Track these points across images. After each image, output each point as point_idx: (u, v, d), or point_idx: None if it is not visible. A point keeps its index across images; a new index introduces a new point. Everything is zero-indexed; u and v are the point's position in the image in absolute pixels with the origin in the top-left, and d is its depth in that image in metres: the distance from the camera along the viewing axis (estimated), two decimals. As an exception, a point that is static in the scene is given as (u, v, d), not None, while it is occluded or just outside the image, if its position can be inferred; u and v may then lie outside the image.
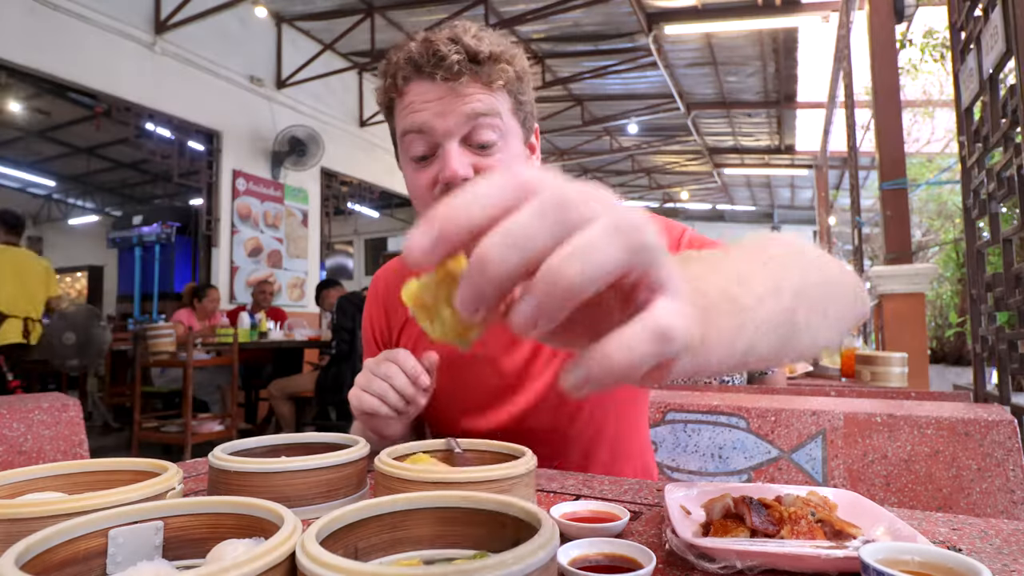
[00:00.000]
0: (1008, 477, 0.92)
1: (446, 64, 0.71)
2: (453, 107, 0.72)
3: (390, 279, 0.97)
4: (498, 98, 0.74)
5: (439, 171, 0.74)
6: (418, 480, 0.57)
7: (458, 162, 0.72)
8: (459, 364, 0.87)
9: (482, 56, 0.72)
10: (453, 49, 0.71)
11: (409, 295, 0.33)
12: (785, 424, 1.09)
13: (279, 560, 0.37)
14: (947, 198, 5.18)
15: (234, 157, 5.81)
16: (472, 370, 0.88)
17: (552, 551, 0.38)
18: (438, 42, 0.72)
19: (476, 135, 0.73)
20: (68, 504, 0.47)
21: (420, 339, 0.92)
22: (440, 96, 0.72)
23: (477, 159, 0.74)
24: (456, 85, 0.72)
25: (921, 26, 5.20)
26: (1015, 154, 1.58)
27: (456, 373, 0.87)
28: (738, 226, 14.40)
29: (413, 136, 0.75)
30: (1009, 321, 1.77)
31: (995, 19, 1.63)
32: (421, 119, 0.73)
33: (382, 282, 0.98)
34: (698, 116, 8.29)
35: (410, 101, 0.74)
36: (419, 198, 0.79)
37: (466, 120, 0.72)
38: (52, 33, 4.43)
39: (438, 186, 0.75)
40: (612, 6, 5.43)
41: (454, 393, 0.88)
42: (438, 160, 0.75)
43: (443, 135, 0.73)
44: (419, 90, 0.74)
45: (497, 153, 0.75)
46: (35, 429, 1.07)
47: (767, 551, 0.47)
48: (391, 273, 0.98)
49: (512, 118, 0.77)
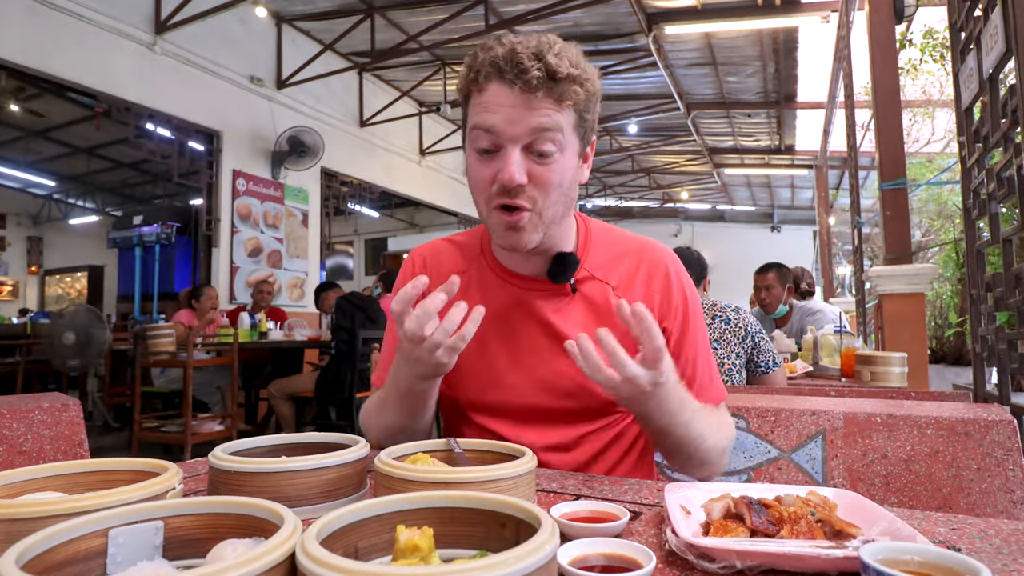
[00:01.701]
0: (1008, 477, 0.92)
1: (526, 77, 0.78)
2: (523, 117, 0.79)
3: (427, 255, 1.04)
4: (564, 115, 0.81)
5: (499, 171, 0.81)
6: (418, 480, 0.57)
7: (517, 168, 0.80)
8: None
9: (559, 76, 0.79)
10: (535, 65, 0.78)
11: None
12: (785, 424, 1.09)
13: (279, 560, 0.37)
14: (947, 198, 5.18)
15: (234, 157, 5.81)
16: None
17: (552, 551, 0.38)
18: (523, 55, 0.78)
19: (537, 145, 0.81)
20: (68, 504, 0.47)
21: (445, 307, 0.95)
22: (513, 104, 0.80)
23: (534, 167, 0.82)
24: (530, 97, 0.79)
25: (921, 26, 5.19)
26: (1015, 154, 1.58)
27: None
28: (738, 226, 14.40)
29: (481, 133, 0.82)
30: (1009, 321, 1.77)
31: (995, 19, 1.63)
32: (492, 121, 0.80)
33: (420, 257, 1.04)
34: (698, 116, 8.29)
35: (486, 100, 0.81)
36: (477, 187, 0.86)
37: (531, 132, 0.80)
38: (52, 33, 4.43)
39: (496, 184, 0.82)
40: (612, 6, 5.43)
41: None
42: (499, 159, 0.82)
43: (508, 139, 0.81)
44: (497, 92, 0.81)
45: (553, 163, 0.82)
46: (35, 429, 1.07)
47: (767, 551, 0.47)
48: (429, 251, 1.05)
49: (573, 133, 0.84)
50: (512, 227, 0.84)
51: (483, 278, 0.97)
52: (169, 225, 7.18)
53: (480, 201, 0.86)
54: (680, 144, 9.60)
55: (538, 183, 0.82)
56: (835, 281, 8.05)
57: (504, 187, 0.81)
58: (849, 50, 4.45)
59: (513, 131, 0.80)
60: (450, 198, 9.13)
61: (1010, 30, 1.54)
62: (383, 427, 0.93)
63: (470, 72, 0.83)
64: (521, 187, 0.81)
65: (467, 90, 0.85)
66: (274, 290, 5.77)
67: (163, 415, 4.39)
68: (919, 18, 5.02)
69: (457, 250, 1.02)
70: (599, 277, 0.94)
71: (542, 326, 0.92)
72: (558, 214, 0.86)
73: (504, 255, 0.96)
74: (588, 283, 0.94)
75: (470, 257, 1.00)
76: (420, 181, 8.42)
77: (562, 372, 0.91)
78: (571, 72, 0.80)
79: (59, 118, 7.56)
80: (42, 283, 12.59)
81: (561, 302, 0.93)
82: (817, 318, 3.40)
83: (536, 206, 0.83)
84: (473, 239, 1.03)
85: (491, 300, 0.93)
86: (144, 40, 5.02)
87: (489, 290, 0.96)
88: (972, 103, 1.92)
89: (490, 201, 0.84)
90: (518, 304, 0.94)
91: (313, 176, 6.66)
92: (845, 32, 4.59)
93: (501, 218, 0.84)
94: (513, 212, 0.83)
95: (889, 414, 1.01)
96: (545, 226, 0.85)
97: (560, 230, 0.91)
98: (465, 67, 0.85)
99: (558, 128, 0.81)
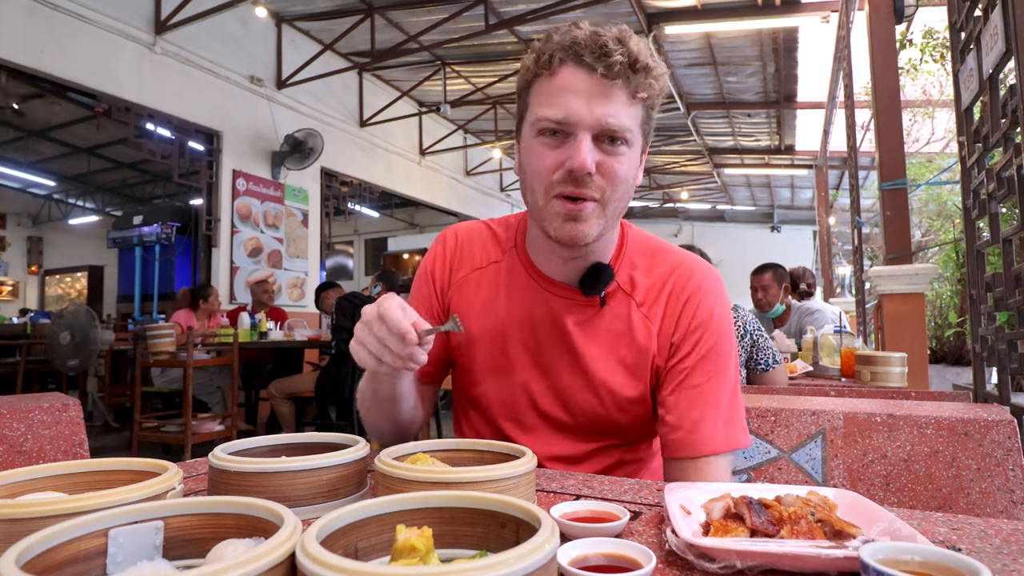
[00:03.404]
0: (1008, 477, 0.92)
1: (609, 62, 0.74)
2: (600, 106, 0.75)
3: (462, 237, 1.00)
4: (636, 108, 0.78)
5: (567, 157, 0.77)
6: (418, 480, 0.57)
7: (588, 156, 0.76)
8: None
9: (640, 65, 0.76)
10: (619, 50, 0.74)
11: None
12: (785, 424, 1.09)
13: (279, 560, 0.37)
14: (947, 198, 5.17)
15: (234, 157, 5.81)
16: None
17: (552, 551, 0.38)
18: (607, 38, 0.74)
19: (609, 134, 0.77)
20: (68, 504, 0.47)
21: (469, 294, 0.95)
22: (591, 89, 0.75)
23: (604, 157, 0.78)
24: (609, 84, 0.75)
25: (921, 26, 5.19)
26: (1015, 154, 1.57)
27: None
28: (738, 226, 14.40)
29: (550, 117, 0.77)
30: (1009, 321, 1.77)
31: (995, 19, 1.63)
32: (568, 104, 0.76)
33: (453, 236, 1.00)
34: (698, 116, 8.29)
35: (560, 83, 0.77)
36: (538, 174, 0.81)
37: (606, 121, 0.76)
38: (52, 33, 4.43)
39: (560, 171, 0.78)
40: (612, 6, 5.43)
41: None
42: (567, 146, 0.77)
43: (581, 127, 0.76)
44: (573, 76, 0.76)
45: (622, 156, 0.79)
46: (35, 429, 1.07)
47: (767, 551, 0.47)
48: (464, 232, 1.01)
49: (639, 130, 0.80)
50: (573, 217, 0.79)
51: (513, 273, 0.93)
52: (169, 225, 7.17)
53: (539, 189, 0.81)
54: (680, 144, 9.59)
55: (606, 174, 0.78)
56: (835, 281, 8.05)
57: (571, 175, 0.77)
58: (849, 50, 4.45)
59: (587, 119, 0.75)
60: (450, 198, 9.13)
61: (1010, 30, 1.54)
62: (371, 417, 0.94)
63: (541, 55, 0.79)
64: (590, 176, 0.77)
65: (534, 74, 0.80)
66: (274, 290, 5.77)
67: (163, 415, 4.39)
68: (919, 18, 5.02)
69: (493, 238, 0.98)
70: (626, 290, 0.90)
71: (563, 337, 0.89)
72: (619, 210, 0.82)
73: (538, 255, 0.91)
74: (616, 296, 0.90)
75: (504, 248, 0.96)
76: (420, 181, 8.42)
77: (577, 389, 0.89)
78: (649, 63, 0.76)
79: (59, 118, 7.56)
80: (42, 283, 12.59)
81: (586, 314, 0.89)
82: (816, 318, 3.40)
83: (603, 196, 0.79)
84: (511, 230, 0.98)
85: (518, 298, 0.91)
86: (144, 40, 5.02)
87: (517, 287, 0.92)
88: (972, 103, 1.92)
89: (551, 189, 0.79)
90: (544, 309, 0.90)
91: (313, 176, 6.66)
92: (845, 32, 4.59)
93: (562, 207, 0.79)
94: (577, 201, 0.78)
95: (889, 414, 1.01)
96: (607, 220, 0.81)
97: (608, 235, 0.86)
98: (534, 52, 0.80)
99: (631, 120, 0.78)
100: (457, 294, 0.96)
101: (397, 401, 0.89)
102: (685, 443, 0.84)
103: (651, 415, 0.92)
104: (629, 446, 0.94)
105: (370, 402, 0.91)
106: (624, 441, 0.94)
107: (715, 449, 0.83)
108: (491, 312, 0.93)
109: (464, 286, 0.96)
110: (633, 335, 0.88)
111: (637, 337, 0.88)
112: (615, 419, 0.90)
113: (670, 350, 0.88)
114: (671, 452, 0.85)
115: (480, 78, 7.45)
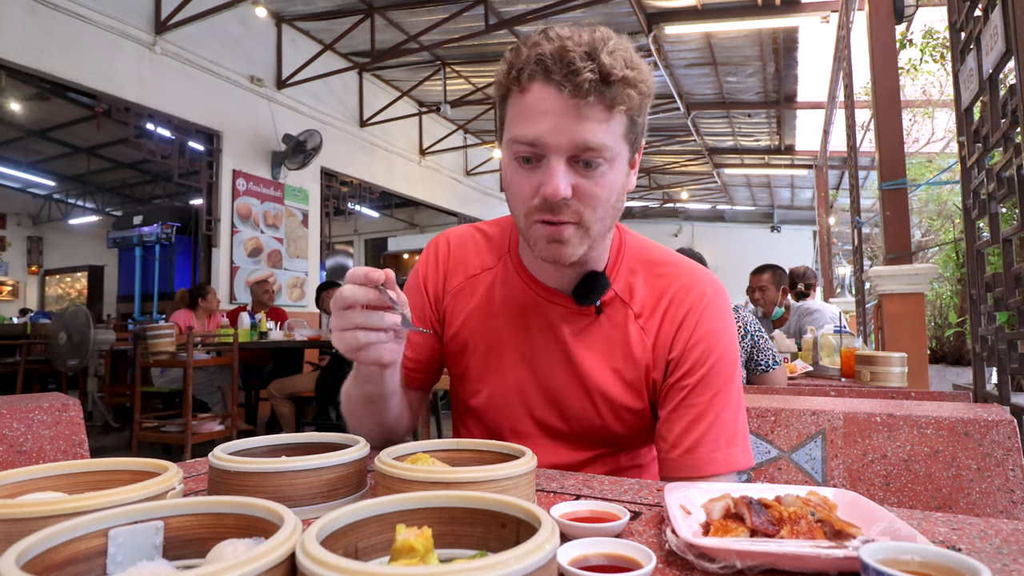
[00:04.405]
0: (1008, 477, 0.92)
1: (577, 80, 0.69)
2: (571, 127, 0.71)
3: (453, 243, 0.97)
4: (615, 121, 0.73)
5: (541, 183, 0.74)
6: (418, 480, 0.57)
7: (562, 182, 0.73)
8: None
9: (614, 78, 0.70)
10: (588, 66, 0.69)
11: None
12: (785, 424, 1.09)
13: (279, 560, 0.37)
14: (947, 198, 5.17)
15: (234, 157, 5.81)
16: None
17: (552, 551, 0.38)
18: (574, 54, 0.69)
19: (584, 156, 0.73)
20: (68, 504, 0.47)
21: (464, 302, 0.93)
22: (560, 110, 0.71)
23: (579, 179, 0.74)
24: (580, 103, 0.71)
25: (921, 26, 5.19)
26: (1015, 154, 1.57)
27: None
28: (738, 226, 14.40)
29: (522, 142, 0.74)
30: (1009, 321, 1.77)
31: (995, 19, 1.63)
32: (536, 130, 0.72)
33: (445, 243, 0.98)
34: (698, 116, 8.29)
35: (529, 104, 0.73)
36: (516, 197, 0.78)
37: (578, 145, 0.72)
38: (52, 33, 4.43)
39: (537, 197, 0.75)
40: (612, 6, 5.43)
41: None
42: (542, 170, 0.74)
43: (553, 150, 0.73)
44: (542, 94, 0.72)
45: (601, 177, 0.75)
46: (35, 429, 1.07)
47: (767, 551, 0.47)
48: (456, 238, 0.98)
49: (623, 141, 0.76)
50: (555, 239, 0.76)
51: (507, 279, 0.91)
52: (169, 225, 7.18)
53: (519, 212, 0.79)
54: (680, 144, 9.60)
55: (584, 197, 0.74)
56: (835, 281, 8.05)
57: (546, 200, 0.74)
58: (849, 50, 4.45)
59: (558, 142, 0.72)
60: (450, 198, 9.13)
61: (1010, 30, 1.54)
62: (354, 419, 0.92)
63: (511, 69, 0.74)
64: (565, 201, 0.74)
65: (506, 88, 0.77)
66: (274, 290, 5.77)
67: (163, 415, 4.39)
68: (919, 18, 5.02)
69: (486, 242, 0.95)
70: (624, 299, 0.87)
71: (559, 345, 0.87)
72: (604, 228, 0.79)
73: (532, 261, 0.89)
74: (613, 304, 0.87)
75: (498, 253, 0.94)
76: (420, 181, 8.42)
77: (574, 397, 0.88)
78: (626, 74, 0.71)
79: (59, 118, 7.56)
80: (42, 283, 12.60)
81: (581, 323, 0.87)
82: (815, 317, 3.40)
83: (582, 219, 0.76)
84: (503, 234, 0.95)
85: (512, 303, 0.89)
86: (144, 40, 5.02)
87: (512, 292, 0.90)
88: (972, 103, 1.92)
89: (531, 214, 0.76)
90: (539, 315, 0.88)
91: (313, 176, 6.67)
92: (845, 32, 4.59)
93: (543, 229, 0.76)
94: (556, 224, 0.76)
95: (889, 414, 1.01)
96: (591, 240, 0.78)
97: (599, 246, 0.83)
98: (505, 63, 0.76)
99: (608, 140, 0.73)
100: (452, 302, 0.94)
101: (382, 401, 0.86)
102: (683, 464, 0.81)
103: (650, 425, 0.90)
104: (628, 452, 0.94)
105: (354, 400, 0.88)
106: (623, 448, 0.93)
107: (714, 471, 0.80)
108: (487, 320, 0.91)
109: (459, 294, 0.94)
110: (629, 345, 0.86)
111: (633, 348, 0.86)
112: (612, 428, 0.89)
113: (668, 367, 0.85)
114: (668, 472, 0.83)
115: (480, 78, 7.45)
